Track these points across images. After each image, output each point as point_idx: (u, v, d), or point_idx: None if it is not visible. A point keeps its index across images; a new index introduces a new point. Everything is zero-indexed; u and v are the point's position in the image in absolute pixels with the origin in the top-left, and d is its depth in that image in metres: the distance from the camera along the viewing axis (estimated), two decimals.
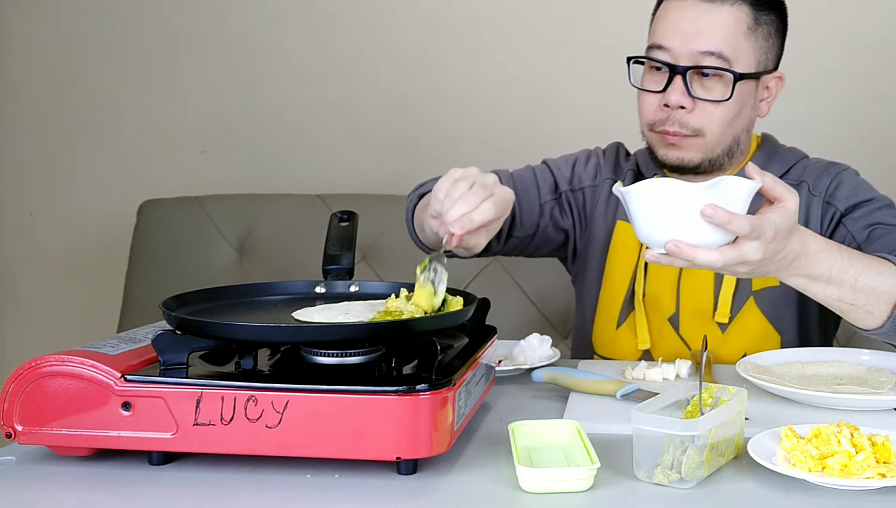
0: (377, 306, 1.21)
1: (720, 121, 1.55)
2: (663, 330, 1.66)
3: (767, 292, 1.61)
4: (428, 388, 1.00)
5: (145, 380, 1.03)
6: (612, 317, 1.70)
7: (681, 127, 1.55)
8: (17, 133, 2.85)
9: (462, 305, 1.19)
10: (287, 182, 2.65)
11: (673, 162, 1.58)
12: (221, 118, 2.76)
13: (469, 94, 2.64)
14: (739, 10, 1.53)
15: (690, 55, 1.52)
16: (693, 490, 1.00)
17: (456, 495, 1.00)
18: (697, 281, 1.63)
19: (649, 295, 1.66)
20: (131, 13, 2.78)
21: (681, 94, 1.53)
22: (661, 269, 1.64)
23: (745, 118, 1.59)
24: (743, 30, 1.53)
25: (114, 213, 2.76)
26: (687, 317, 1.64)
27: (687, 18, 1.53)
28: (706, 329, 1.62)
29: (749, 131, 1.63)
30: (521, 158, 1.86)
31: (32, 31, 2.81)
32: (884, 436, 1.06)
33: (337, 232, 1.41)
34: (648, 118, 1.59)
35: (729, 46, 1.52)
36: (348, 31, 2.68)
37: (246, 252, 2.45)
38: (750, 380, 1.33)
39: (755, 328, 1.62)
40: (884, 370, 1.41)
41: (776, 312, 1.62)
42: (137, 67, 2.78)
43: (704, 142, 1.56)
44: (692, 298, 1.64)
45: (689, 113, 1.54)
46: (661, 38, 1.55)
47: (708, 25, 1.52)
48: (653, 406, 1.07)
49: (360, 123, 2.70)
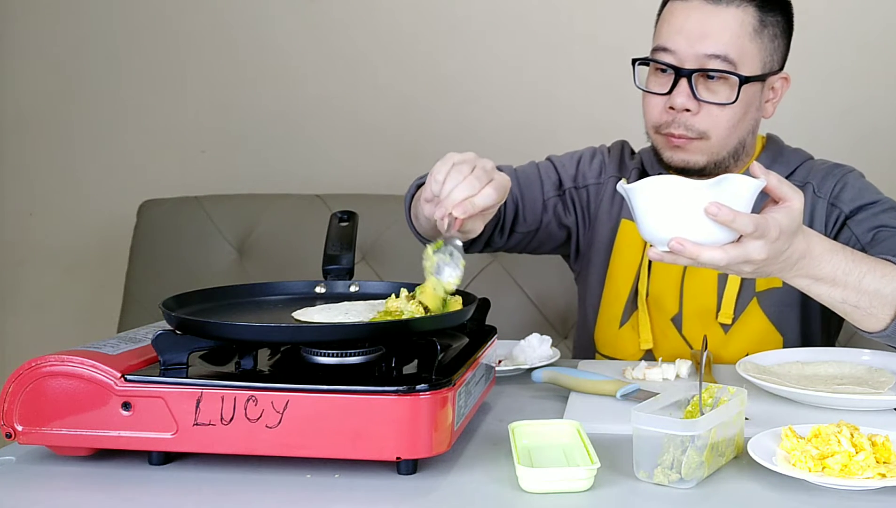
0: (377, 306, 1.21)
1: (726, 124, 1.54)
2: (666, 330, 1.66)
3: (771, 294, 1.61)
4: (428, 388, 1.00)
5: (145, 380, 1.03)
6: (615, 316, 1.70)
7: (686, 130, 1.54)
8: (18, 133, 2.85)
9: (461, 304, 1.19)
10: (287, 182, 2.66)
11: (678, 164, 1.58)
12: (222, 119, 2.77)
13: (469, 94, 2.65)
14: (745, 12, 1.53)
15: (696, 58, 1.52)
16: (693, 490, 1.00)
17: (456, 495, 1.00)
18: (701, 282, 1.63)
19: (652, 295, 1.66)
20: (132, 14, 2.78)
21: (686, 96, 1.53)
22: (664, 269, 1.64)
23: (751, 120, 1.59)
24: (748, 32, 1.53)
25: (114, 213, 2.76)
26: (690, 317, 1.64)
27: (692, 20, 1.53)
28: (709, 330, 1.62)
29: (754, 133, 1.63)
30: (521, 157, 1.86)
31: (33, 32, 2.82)
32: (884, 436, 1.06)
33: (337, 232, 1.41)
34: (654, 120, 1.58)
35: (734, 49, 1.52)
36: (348, 31, 2.69)
37: (246, 252, 2.46)
38: (750, 380, 1.33)
39: (758, 329, 1.62)
40: (884, 370, 1.41)
41: (779, 313, 1.62)
42: (138, 67, 2.79)
43: (709, 144, 1.56)
44: (695, 298, 1.64)
45: (695, 116, 1.54)
46: (666, 41, 1.55)
47: (713, 28, 1.52)
48: (653, 406, 1.07)
49: (360, 124, 2.70)
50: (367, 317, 1.16)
